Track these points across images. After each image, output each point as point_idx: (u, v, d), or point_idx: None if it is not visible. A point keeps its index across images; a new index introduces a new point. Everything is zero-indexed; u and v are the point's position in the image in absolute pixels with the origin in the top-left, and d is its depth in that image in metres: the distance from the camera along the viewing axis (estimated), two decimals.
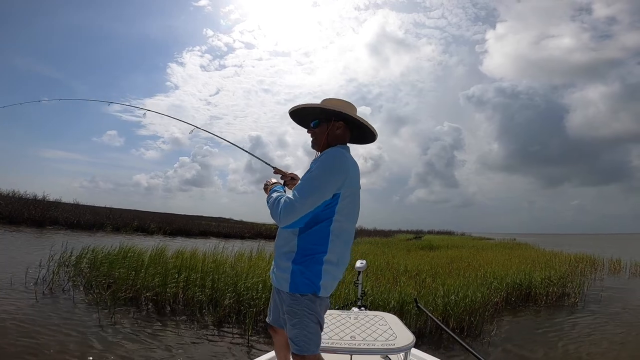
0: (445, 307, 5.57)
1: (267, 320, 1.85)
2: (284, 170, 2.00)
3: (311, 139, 1.76)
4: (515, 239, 37.22)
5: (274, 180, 1.81)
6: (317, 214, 1.54)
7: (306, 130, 1.79)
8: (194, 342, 4.48)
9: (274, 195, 1.61)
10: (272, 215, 1.55)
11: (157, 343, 4.35)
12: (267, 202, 1.63)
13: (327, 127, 1.69)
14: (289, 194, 1.65)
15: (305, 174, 1.69)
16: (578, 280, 9.21)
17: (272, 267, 1.74)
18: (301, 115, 1.78)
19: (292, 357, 1.60)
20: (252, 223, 45.73)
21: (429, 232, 51.26)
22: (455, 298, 5.76)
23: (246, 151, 2.45)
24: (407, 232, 48.72)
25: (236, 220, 52.03)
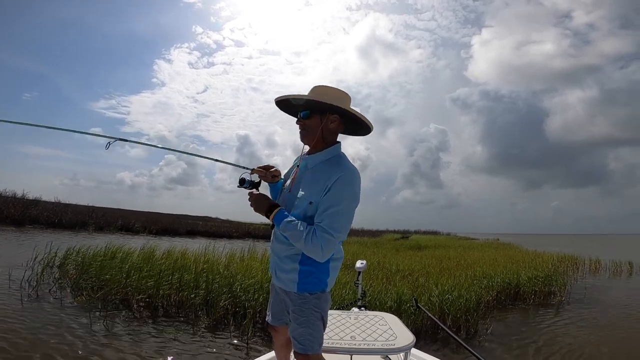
0: (442, 306, 5.65)
1: (267, 320, 1.83)
2: (262, 170, 1.78)
3: (300, 131, 1.61)
4: (498, 239, 38.14)
5: (266, 201, 1.60)
6: None
7: (295, 119, 1.64)
8: (191, 345, 4.39)
9: (294, 224, 1.47)
10: (309, 250, 1.45)
11: (153, 347, 4.24)
12: (286, 234, 1.50)
13: (320, 120, 1.55)
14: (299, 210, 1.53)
15: (302, 177, 1.60)
16: (562, 280, 9.49)
17: (272, 269, 1.68)
18: (290, 103, 1.63)
19: (295, 356, 1.60)
20: (239, 222, 45.29)
21: (416, 232, 51.89)
22: (450, 297, 5.85)
23: (212, 159, 2.13)
24: (395, 232, 49.16)
25: (223, 220, 51.42)
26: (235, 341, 4.60)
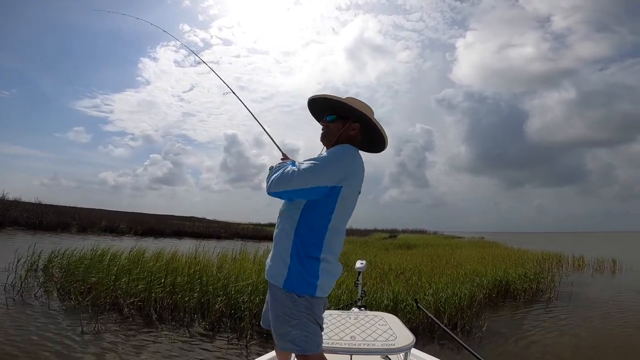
0: (437, 304, 5.71)
1: (261, 324, 1.82)
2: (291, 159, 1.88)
3: (322, 131, 1.73)
4: (483, 238, 38.89)
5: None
6: (316, 209, 1.53)
7: (319, 121, 1.79)
8: (189, 349, 4.29)
9: (276, 165, 1.63)
10: (267, 179, 1.57)
11: (149, 352, 4.12)
12: (276, 168, 1.60)
13: (342, 125, 1.67)
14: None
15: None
16: (550, 277, 9.73)
17: (268, 257, 1.67)
18: (318, 105, 1.76)
19: (297, 357, 1.58)
20: (226, 222, 44.86)
21: (403, 231, 52.55)
22: (444, 295, 5.91)
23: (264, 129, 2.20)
24: (382, 230, 49.64)
25: (209, 220, 50.86)
26: (234, 344, 4.53)
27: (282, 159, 1.84)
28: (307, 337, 1.52)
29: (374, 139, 1.74)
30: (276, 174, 1.53)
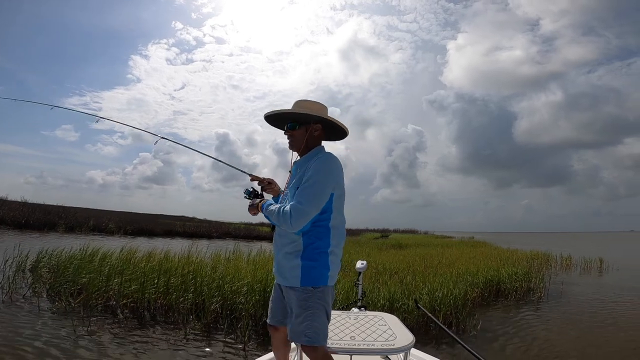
0: (432, 304, 5.74)
1: (267, 321, 1.92)
2: (260, 177, 2.05)
3: (288, 140, 1.85)
4: (473, 237, 39.28)
5: (257, 200, 1.85)
6: (317, 215, 1.66)
7: (283, 131, 1.87)
8: (184, 351, 4.23)
9: (272, 207, 1.69)
10: (282, 224, 1.63)
11: (144, 353, 4.06)
12: (269, 217, 1.70)
13: (306, 130, 1.79)
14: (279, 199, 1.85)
15: (294, 177, 1.79)
16: (540, 277, 9.89)
17: (275, 267, 1.80)
18: (276, 117, 1.86)
19: (303, 349, 1.67)
20: (217, 222, 44.49)
21: (395, 231, 52.84)
22: (440, 295, 5.95)
23: (220, 160, 2.45)
24: (374, 230, 49.83)
25: (200, 219, 50.35)
26: (231, 345, 4.48)
27: (251, 179, 2.05)
28: (317, 329, 1.63)
29: (336, 131, 1.89)
30: (288, 215, 1.58)
